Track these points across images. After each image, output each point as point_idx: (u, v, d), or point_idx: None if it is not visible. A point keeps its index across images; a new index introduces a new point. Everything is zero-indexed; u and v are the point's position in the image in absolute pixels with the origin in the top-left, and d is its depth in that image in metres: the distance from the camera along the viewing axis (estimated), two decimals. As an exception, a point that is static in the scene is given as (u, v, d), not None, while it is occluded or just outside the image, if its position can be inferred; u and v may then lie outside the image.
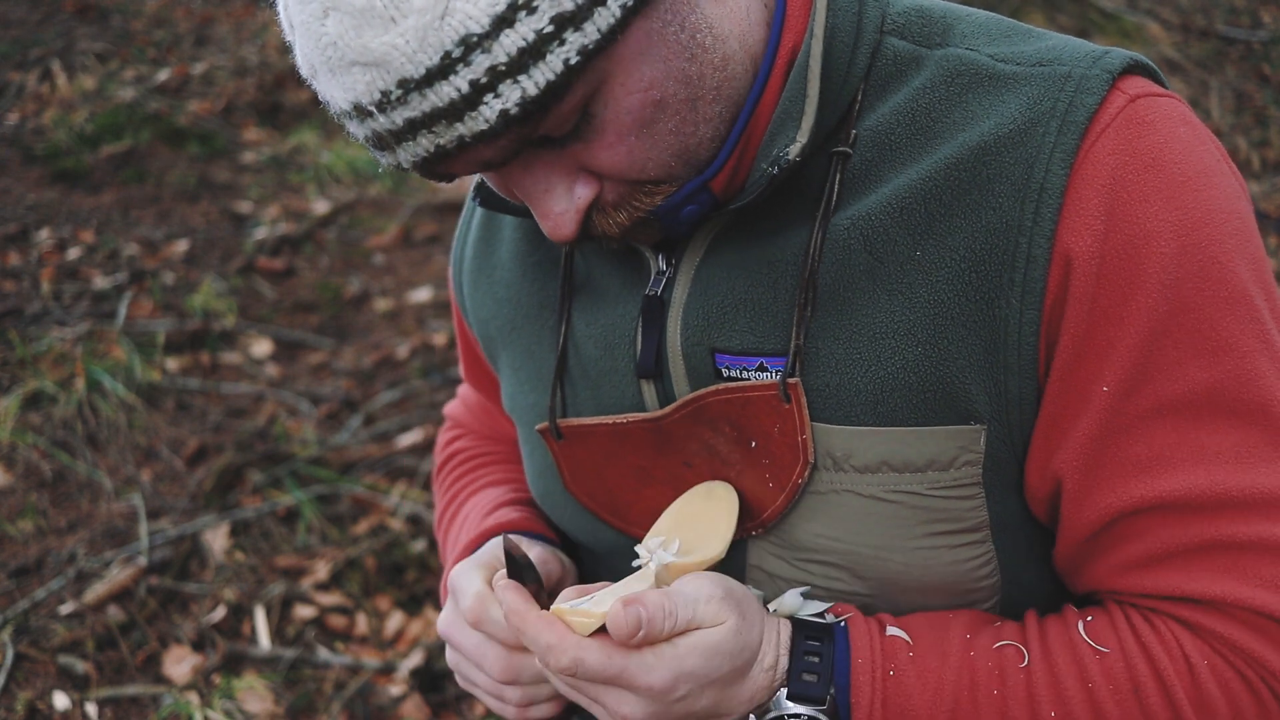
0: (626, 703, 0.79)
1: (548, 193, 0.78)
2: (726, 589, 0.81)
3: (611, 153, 0.76)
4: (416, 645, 2.49)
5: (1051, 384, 0.78)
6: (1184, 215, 0.74)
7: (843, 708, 0.80)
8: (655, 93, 0.73)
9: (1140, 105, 0.77)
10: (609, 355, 0.93)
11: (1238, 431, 0.76)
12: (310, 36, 0.70)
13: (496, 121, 0.69)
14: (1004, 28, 0.85)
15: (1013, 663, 0.80)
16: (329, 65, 0.70)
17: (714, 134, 0.79)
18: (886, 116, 0.82)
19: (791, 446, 0.84)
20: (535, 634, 0.79)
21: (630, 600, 0.76)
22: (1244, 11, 5.75)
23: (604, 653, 0.77)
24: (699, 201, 0.82)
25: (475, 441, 1.27)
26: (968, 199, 0.77)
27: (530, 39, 0.67)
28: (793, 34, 0.82)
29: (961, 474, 0.81)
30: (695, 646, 0.78)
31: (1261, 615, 0.75)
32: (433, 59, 0.67)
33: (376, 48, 0.67)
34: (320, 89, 0.73)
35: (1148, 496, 0.77)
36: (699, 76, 0.75)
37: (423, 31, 0.66)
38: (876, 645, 0.82)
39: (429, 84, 0.68)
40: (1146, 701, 0.77)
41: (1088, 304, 0.75)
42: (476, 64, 0.67)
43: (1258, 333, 0.76)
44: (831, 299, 0.81)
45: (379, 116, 0.70)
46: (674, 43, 0.73)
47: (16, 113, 5.01)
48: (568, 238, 0.79)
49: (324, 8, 0.68)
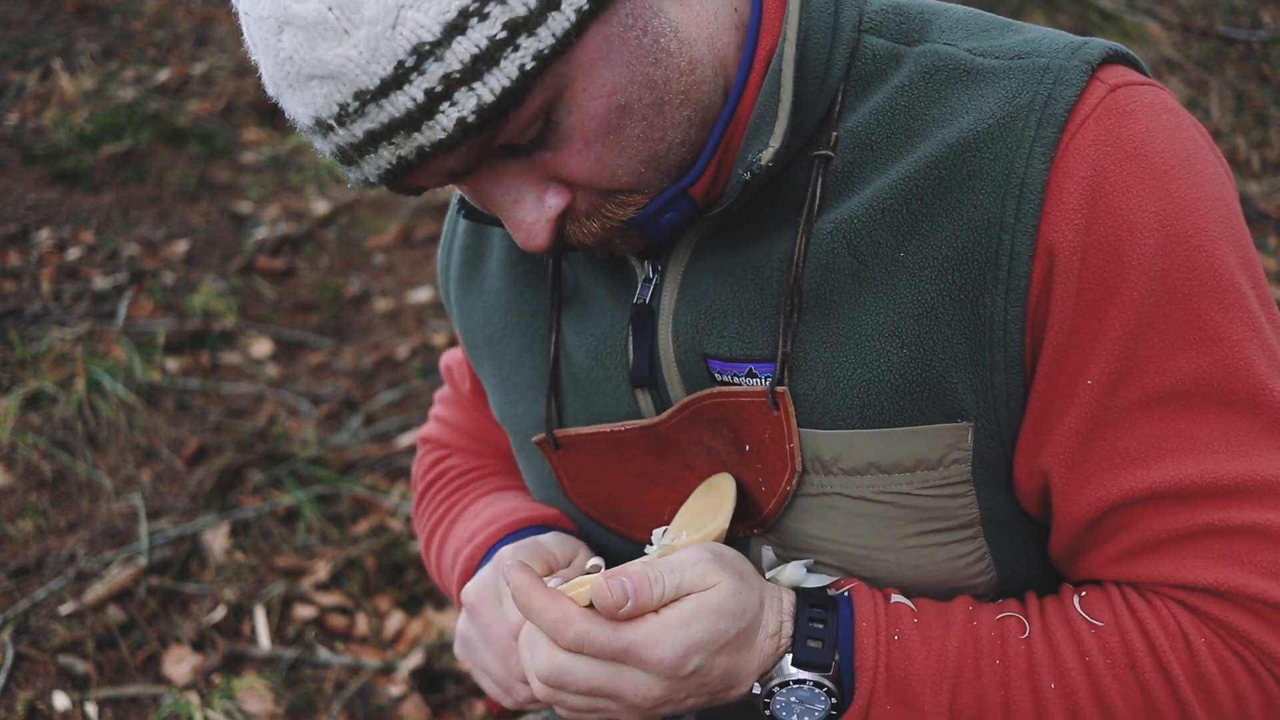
0: (643, 684, 0.77)
1: (517, 203, 0.77)
2: (714, 553, 0.80)
3: (579, 160, 0.75)
4: (416, 645, 2.49)
5: (1038, 379, 0.78)
6: (1168, 205, 0.73)
7: (847, 674, 0.80)
8: (619, 98, 0.73)
9: (1121, 95, 0.76)
10: (601, 365, 0.92)
11: (1227, 421, 0.75)
12: (269, 53, 0.70)
13: (454, 130, 0.69)
14: (983, 22, 0.84)
15: (1014, 633, 0.80)
16: (288, 81, 0.70)
17: (684, 138, 0.78)
18: (867, 117, 0.81)
19: (780, 454, 0.84)
20: (542, 609, 0.77)
21: (613, 573, 0.76)
22: (1244, 11, 5.75)
23: (610, 625, 0.76)
24: (679, 209, 0.81)
25: (465, 459, 1.24)
26: (949, 197, 0.76)
27: (483, 45, 0.66)
28: (769, 37, 0.81)
29: (950, 472, 0.81)
30: (697, 611, 0.77)
31: (1258, 601, 0.75)
32: (386, 69, 0.67)
33: (331, 60, 0.67)
34: (285, 106, 0.73)
35: (1137, 488, 0.77)
36: (664, 81, 0.74)
37: (375, 42, 0.66)
38: (881, 612, 0.82)
39: (385, 94, 0.67)
40: (1143, 676, 0.77)
41: (1072, 298, 0.75)
42: (430, 72, 0.66)
43: (1246, 321, 0.75)
44: (817, 303, 0.81)
45: (339, 130, 0.70)
46: (636, 47, 0.72)
47: (16, 113, 5.01)
48: (540, 248, 0.79)
49: (279, 23, 0.68)
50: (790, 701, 0.81)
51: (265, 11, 0.69)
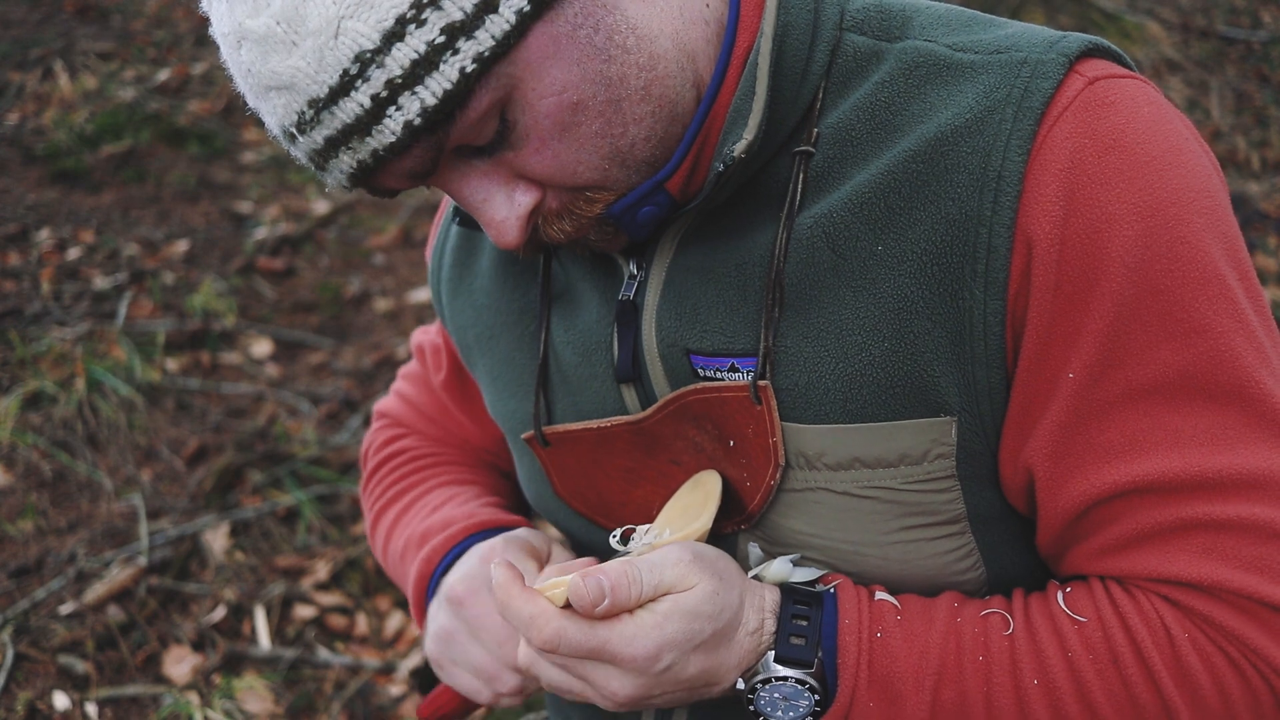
0: (614, 679, 0.78)
1: (486, 201, 0.79)
2: (695, 553, 0.81)
3: (539, 158, 0.76)
4: (416, 645, 2.49)
5: (1020, 373, 0.77)
6: (1148, 196, 0.73)
7: (829, 671, 0.80)
8: (570, 95, 0.74)
9: (1100, 87, 0.75)
10: (587, 361, 0.93)
11: (1212, 413, 0.74)
12: (235, 67, 0.75)
13: (402, 133, 0.71)
14: (964, 18, 0.84)
15: (997, 630, 0.80)
16: (253, 92, 0.74)
17: (648, 134, 0.79)
18: (848, 113, 0.81)
19: (764, 449, 0.84)
20: (519, 607, 0.78)
21: (590, 571, 0.76)
22: (1244, 11, 5.75)
23: (586, 624, 0.77)
24: (656, 203, 0.82)
25: (422, 442, 1.24)
26: (927, 191, 0.77)
27: (422, 50, 0.69)
28: (747, 34, 0.82)
29: (935, 467, 0.81)
30: (673, 612, 0.77)
31: (1243, 596, 0.74)
32: (333, 78, 0.70)
33: (283, 72, 0.70)
34: (261, 118, 0.77)
35: (1120, 482, 0.76)
36: (620, 77, 0.75)
37: (320, 52, 0.69)
38: (864, 608, 0.82)
39: (334, 102, 0.70)
40: (1125, 671, 0.76)
41: (1051, 291, 0.74)
42: (374, 79, 0.69)
43: (1231, 312, 0.74)
44: (798, 298, 0.81)
45: (301, 138, 0.74)
46: (586, 44, 0.73)
47: (16, 113, 5.01)
48: (512, 245, 0.80)
49: (237, 39, 0.72)
50: (774, 698, 0.81)
51: (226, 28, 0.73)
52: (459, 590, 0.97)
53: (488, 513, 1.08)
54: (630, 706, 0.81)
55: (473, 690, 0.98)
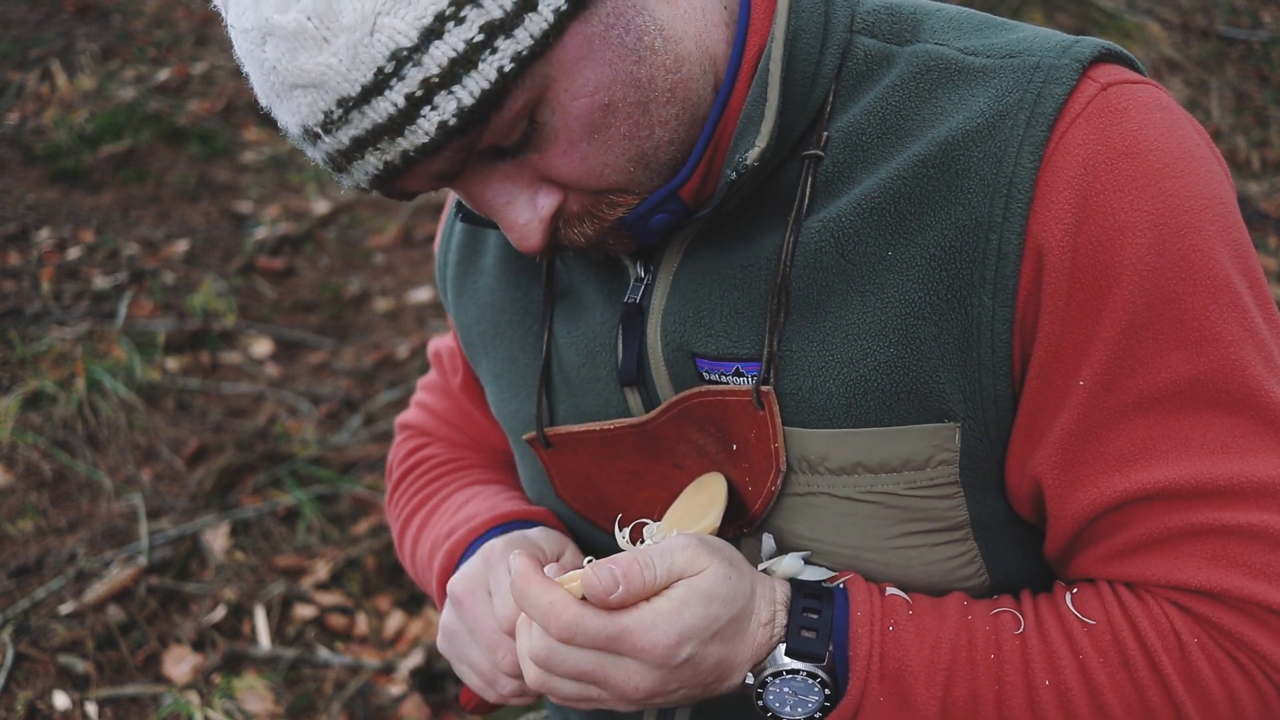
0: (635, 673, 0.77)
1: (509, 204, 0.78)
2: (701, 540, 0.80)
3: (566, 160, 0.75)
4: (416, 645, 2.49)
5: (1029, 381, 0.77)
6: (1160, 203, 0.73)
7: (840, 665, 0.80)
8: (602, 96, 0.73)
9: (1113, 93, 0.75)
10: (590, 363, 0.93)
11: (1222, 422, 0.74)
12: (255, 64, 0.72)
13: (436, 134, 0.69)
14: (976, 21, 0.84)
15: (1009, 629, 0.80)
16: (275, 91, 0.71)
17: (672, 136, 0.78)
18: (858, 117, 0.81)
19: (766, 453, 0.84)
20: (537, 595, 0.77)
21: (601, 562, 0.76)
22: (1244, 11, 5.75)
23: (604, 614, 0.76)
24: (669, 210, 0.81)
25: (444, 449, 1.23)
26: (937, 196, 0.76)
27: (461, 49, 0.67)
28: (757, 37, 0.81)
29: (938, 473, 0.80)
30: (689, 596, 0.76)
31: (1252, 604, 0.74)
32: (366, 76, 0.67)
33: (313, 69, 0.68)
34: (277, 117, 0.74)
35: (1130, 489, 0.76)
36: (649, 79, 0.75)
37: (354, 49, 0.67)
38: (876, 603, 0.81)
39: (366, 101, 0.68)
40: (1136, 674, 0.76)
41: (1062, 299, 0.74)
42: (410, 77, 0.67)
43: (1241, 321, 0.74)
44: (805, 303, 0.81)
45: (325, 138, 0.71)
46: (619, 45, 0.72)
47: (16, 113, 5.01)
48: (535, 249, 0.79)
49: (262, 35, 0.69)
50: (783, 692, 0.80)
51: (249, 24, 0.70)
52: (458, 590, 0.97)
53: (511, 505, 1.06)
54: (646, 703, 0.80)
55: (479, 688, 0.98)
